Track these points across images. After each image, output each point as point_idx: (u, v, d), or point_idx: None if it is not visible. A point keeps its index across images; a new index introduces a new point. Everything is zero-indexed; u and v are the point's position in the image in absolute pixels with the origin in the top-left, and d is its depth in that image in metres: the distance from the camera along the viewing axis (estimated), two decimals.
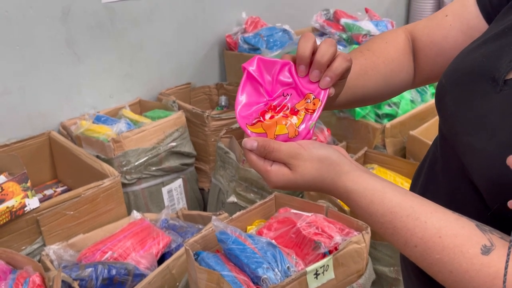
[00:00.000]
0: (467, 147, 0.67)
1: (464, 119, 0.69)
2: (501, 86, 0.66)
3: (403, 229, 0.62)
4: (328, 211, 1.50)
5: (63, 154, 2.07)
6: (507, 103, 0.64)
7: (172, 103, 2.32)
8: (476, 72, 0.71)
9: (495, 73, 0.67)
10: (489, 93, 0.67)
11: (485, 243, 0.58)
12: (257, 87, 0.73)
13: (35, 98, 2.08)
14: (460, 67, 0.75)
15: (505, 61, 0.67)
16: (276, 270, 1.28)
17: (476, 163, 0.65)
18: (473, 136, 0.66)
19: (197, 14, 2.54)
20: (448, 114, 0.74)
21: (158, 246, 1.66)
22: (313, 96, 0.70)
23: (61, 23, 2.07)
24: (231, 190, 1.96)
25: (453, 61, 0.78)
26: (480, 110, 0.67)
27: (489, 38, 0.74)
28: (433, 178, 0.76)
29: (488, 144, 0.63)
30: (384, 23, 2.58)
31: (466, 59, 0.76)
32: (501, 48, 0.70)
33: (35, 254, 1.66)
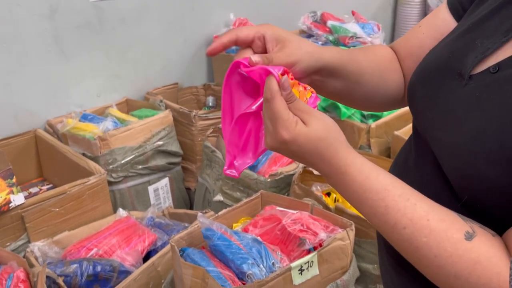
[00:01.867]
0: (437, 141, 0.69)
1: (433, 115, 0.72)
2: (466, 81, 0.68)
3: (394, 209, 0.63)
4: (313, 209, 1.51)
5: (49, 152, 2.06)
6: (472, 97, 0.66)
7: (159, 103, 2.32)
8: (443, 69, 0.73)
9: (462, 69, 0.70)
10: (456, 87, 0.69)
11: (467, 230, 0.60)
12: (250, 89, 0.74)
13: (22, 96, 2.08)
14: (428, 65, 0.78)
15: (471, 57, 0.69)
16: (261, 266, 1.29)
17: (445, 155, 0.67)
18: (442, 130, 0.68)
19: (185, 15, 2.55)
20: (418, 111, 0.76)
21: (144, 244, 1.66)
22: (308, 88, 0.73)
23: (49, 21, 2.07)
24: (217, 189, 1.96)
25: (422, 60, 0.81)
26: (447, 105, 0.69)
27: (456, 36, 0.76)
28: (407, 171, 0.78)
29: (456, 136, 0.65)
30: (371, 26, 2.61)
31: (434, 57, 0.78)
32: (467, 44, 0.72)
33: (19, 250, 1.65)
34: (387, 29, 3.83)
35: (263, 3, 2.87)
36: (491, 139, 0.60)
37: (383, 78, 0.89)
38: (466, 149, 0.63)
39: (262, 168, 1.89)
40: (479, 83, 0.67)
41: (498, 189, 0.59)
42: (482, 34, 0.72)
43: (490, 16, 0.72)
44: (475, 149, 0.62)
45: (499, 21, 0.71)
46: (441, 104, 0.71)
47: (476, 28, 0.73)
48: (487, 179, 0.60)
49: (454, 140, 0.65)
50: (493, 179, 0.59)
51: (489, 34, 0.70)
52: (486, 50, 0.69)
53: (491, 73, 0.66)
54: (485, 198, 0.62)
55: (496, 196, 0.60)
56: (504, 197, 0.59)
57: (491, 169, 0.59)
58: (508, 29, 0.68)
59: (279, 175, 1.79)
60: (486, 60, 0.68)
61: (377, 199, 0.64)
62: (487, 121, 0.62)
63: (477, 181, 0.61)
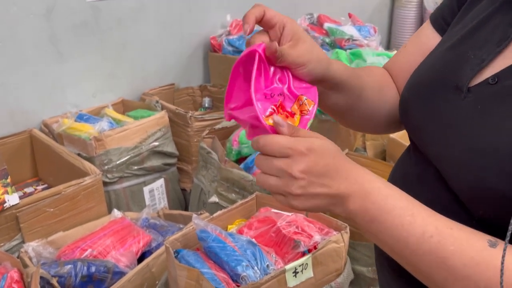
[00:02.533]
0: (441, 157, 0.68)
1: (432, 130, 0.71)
2: (465, 94, 0.67)
3: (420, 216, 0.62)
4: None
5: (44, 152, 2.06)
6: (474, 110, 0.65)
7: (155, 103, 2.32)
8: (438, 83, 0.73)
9: (458, 82, 0.69)
10: (454, 101, 0.68)
11: (489, 239, 0.59)
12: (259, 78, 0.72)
13: (17, 95, 2.07)
14: (420, 79, 0.77)
15: (466, 69, 0.69)
16: (256, 268, 1.29)
17: (452, 172, 0.66)
18: (445, 146, 0.67)
19: (182, 16, 2.55)
20: (415, 126, 0.76)
21: (138, 245, 1.66)
22: (305, 98, 0.71)
23: (45, 21, 2.07)
24: (212, 190, 1.96)
25: (412, 75, 0.80)
26: (448, 120, 0.68)
27: (445, 49, 0.76)
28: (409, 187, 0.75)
29: (463, 152, 0.64)
30: (367, 28, 2.61)
31: (425, 71, 0.78)
32: (459, 56, 0.72)
33: (13, 251, 1.65)
34: (384, 31, 3.84)
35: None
36: (504, 153, 0.59)
37: (383, 93, 0.89)
38: (477, 165, 0.62)
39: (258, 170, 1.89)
40: (479, 95, 0.66)
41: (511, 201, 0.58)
42: (473, 45, 0.71)
43: (479, 27, 0.72)
44: (487, 164, 0.60)
45: (489, 31, 0.71)
46: (440, 119, 0.70)
47: (466, 40, 0.73)
48: (501, 193, 0.59)
49: (463, 156, 0.64)
50: (507, 192, 0.58)
51: (481, 45, 0.70)
52: (481, 61, 0.68)
53: (490, 84, 0.66)
54: (500, 213, 0.60)
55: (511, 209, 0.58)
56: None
57: (504, 183, 0.58)
58: (501, 38, 0.68)
59: None
60: (483, 71, 0.68)
61: (402, 207, 0.63)
62: (497, 135, 0.61)
63: (491, 196, 0.60)
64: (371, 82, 0.87)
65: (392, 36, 3.88)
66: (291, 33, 0.72)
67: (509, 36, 0.68)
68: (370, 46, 2.45)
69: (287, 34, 0.72)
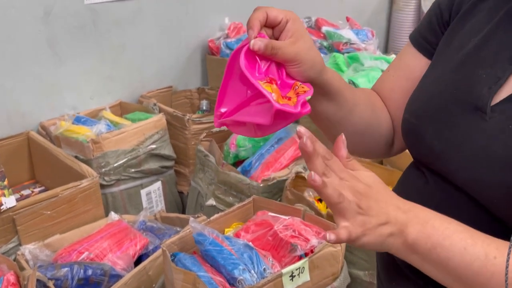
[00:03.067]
0: (473, 182, 0.67)
1: (463, 155, 0.69)
2: (489, 114, 0.67)
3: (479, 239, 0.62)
4: (305, 214, 1.52)
5: (41, 155, 2.05)
6: (504, 129, 0.65)
7: (153, 106, 2.32)
8: (453, 106, 0.71)
9: (477, 102, 0.68)
10: (478, 122, 0.67)
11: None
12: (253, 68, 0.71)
13: (15, 98, 2.07)
14: (430, 103, 0.75)
15: (482, 89, 0.68)
16: (252, 272, 1.29)
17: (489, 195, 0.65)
18: (479, 170, 0.66)
19: (180, 18, 2.55)
20: (436, 154, 0.73)
21: (135, 248, 1.66)
22: (300, 84, 0.70)
23: (43, 23, 2.07)
24: (210, 193, 1.96)
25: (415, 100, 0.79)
26: (477, 142, 0.67)
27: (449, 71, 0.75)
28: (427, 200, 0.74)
29: (504, 173, 0.63)
30: (365, 32, 2.62)
31: (433, 95, 0.76)
32: (468, 77, 0.71)
33: (10, 253, 1.65)
34: (381, 35, 3.84)
35: None
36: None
37: (376, 113, 0.87)
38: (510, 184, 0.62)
39: (255, 173, 1.90)
40: (505, 114, 0.66)
41: None
42: (481, 64, 0.71)
43: (482, 45, 0.72)
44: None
45: (495, 48, 0.70)
46: (468, 143, 0.68)
47: (470, 60, 0.72)
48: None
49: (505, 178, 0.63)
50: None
51: (491, 63, 0.69)
52: (497, 80, 0.68)
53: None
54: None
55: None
56: None
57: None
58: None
59: (272, 180, 1.80)
60: (501, 89, 0.67)
61: (462, 231, 0.63)
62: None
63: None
64: (365, 99, 0.86)
65: (389, 40, 3.88)
66: (292, 30, 0.71)
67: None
68: (368, 50, 2.46)
69: (288, 30, 0.71)
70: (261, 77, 0.70)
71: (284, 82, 0.71)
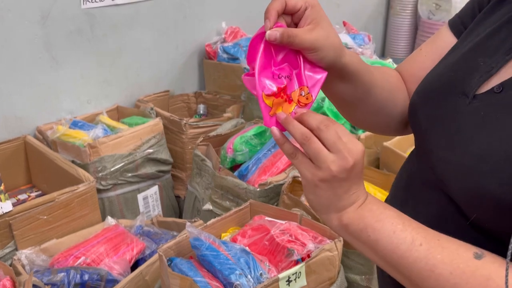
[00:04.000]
0: (443, 162, 0.69)
1: (438, 135, 0.72)
2: (470, 99, 0.69)
3: (411, 226, 0.65)
4: (301, 219, 1.52)
5: (38, 159, 2.05)
6: (477, 116, 0.67)
7: (150, 110, 2.32)
8: (446, 88, 0.73)
9: (466, 88, 0.70)
10: (460, 106, 0.70)
11: (475, 251, 0.62)
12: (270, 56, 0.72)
13: (11, 102, 2.07)
14: (430, 85, 0.78)
15: (476, 77, 0.70)
16: (249, 277, 1.29)
17: (453, 177, 0.67)
18: (449, 150, 0.69)
19: (177, 23, 2.56)
20: (422, 130, 0.76)
21: (132, 252, 1.66)
22: (307, 91, 0.71)
23: (40, 27, 2.07)
24: (207, 198, 1.96)
25: (424, 79, 0.81)
26: (453, 125, 0.69)
27: (457, 55, 0.77)
28: (412, 192, 0.79)
29: (464, 157, 0.65)
30: (362, 37, 2.63)
31: (435, 76, 0.78)
32: (469, 63, 0.73)
33: (6, 258, 1.64)
34: (378, 40, 3.86)
35: (255, 12, 2.88)
36: (501, 160, 0.61)
37: (392, 95, 0.88)
38: (476, 170, 0.63)
39: (252, 178, 1.90)
40: (483, 102, 0.67)
41: (509, 207, 0.60)
42: (484, 53, 0.72)
43: (491, 36, 0.73)
44: (485, 170, 0.62)
45: (500, 40, 0.71)
46: (446, 124, 0.71)
47: (478, 48, 0.74)
48: (498, 199, 0.61)
49: (463, 160, 0.66)
50: (504, 199, 0.60)
51: (491, 53, 0.71)
52: (490, 69, 0.69)
53: (495, 93, 0.67)
54: (496, 218, 0.63)
55: (508, 215, 0.60)
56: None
57: (502, 189, 0.60)
58: (511, 47, 0.69)
59: (269, 184, 1.80)
60: (490, 79, 0.69)
61: (395, 216, 0.66)
62: (496, 142, 0.63)
63: (488, 202, 0.62)
64: (383, 81, 0.86)
65: (386, 44, 3.90)
66: (312, 17, 0.70)
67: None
68: (365, 54, 2.46)
69: (307, 17, 0.70)
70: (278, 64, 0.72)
71: (299, 77, 0.72)
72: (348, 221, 0.67)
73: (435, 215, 0.68)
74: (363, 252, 0.69)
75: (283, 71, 0.72)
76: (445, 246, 0.62)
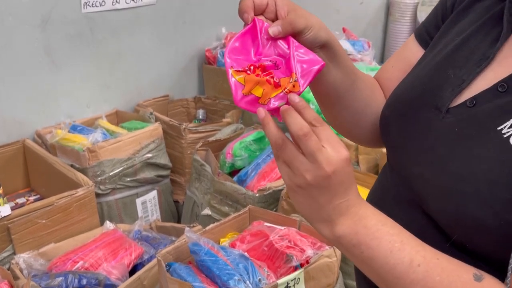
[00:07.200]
0: (419, 179, 0.68)
1: (411, 150, 0.70)
2: (443, 114, 0.67)
3: (409, 244, 0.62)
4: (300, 225, 1.52)
5: (37, 163, 2.05)
6: (451, 132, 0.65)
7: (149, 115, 2.33)
8: (418, 102, 0.72)
9: (438, 102, 0.69)
10: (433, 121, 0.68)
11: (475, 272, 0.59)
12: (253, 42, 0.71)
13: (11, 105, 2.07)
14: (401, 98, 0.76)
15: (447, 90, 0.69)
16: (248, 282, 1.29)
17: (431, 195, 0.66)
18: (424, 167, 0.67)
19: (177, 27, 2.56)
20: (395, 146, 0.75)
21: (130, 257, 1.65)
22: (295, 78, 0.67)
23: (40, 31, 2.07)
24: (205, 203, 1.96)
25: (393, 92, 0.80)
26: (427, 141, 0.68)
27: (426, 67, 0.76)
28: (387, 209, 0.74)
29: (441, 176, 0.64)
30: (361, 43, 2.63)
31: (406, 89, 0.77)
32: (439, 75, 0.72)
33: (4, 262, 1.64)
34: (378, 46, 3.86)
35: None
36: (480, 181, 0.59)
37: (375, 96, 0.87)
38: (455, 190, 0.62)
39: (251, 183, 1.90)
40: (457, 117, 0.66)
41: (490, 230, 0.58)
42: (453, 64, 0.71)
43: (460, 46, 0.72)
44: (465, 191, 0.61)
45: (470, 51, 0.70)
46: (420, 140, 0.69)
47: (447, 59, 0.73)
48: (479, 221, 0.59)
49: (440, 179, 0.64)
50: (485, 220, 0.58)
51: (461, 65, 0.70)
52: (461, 82, 0.68)
53: (468, 107, 0.66)
54: (477, 238, 0.61)
55: (489, 237, 0.59)
56: (496, 238, 0.59)
57: (483, 212, 0.59)
58: (481, 58, 0.68)
59: (268, 190, 1.80)
60: (463, 92, 0.68)
61: (393, 234, 0.62)
62: (474, 161, 0.61)
63: (469, 223, 0.60)
64: (364, 77, 0.86)
65: (386, 51, 3.90)
66: (286, 3, 0.71)
67: (488, 56, 0.67)
68: (364, 61, 2.47)
69: (282, 6, 0.71)
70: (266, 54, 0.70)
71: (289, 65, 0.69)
72: (340, 233, 0.63)
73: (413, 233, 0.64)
74: (356, 264, 0.66)
75: (266, 56, 0.70)
76: (444, 266, 0.60)
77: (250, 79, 0.67)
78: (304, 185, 0.61)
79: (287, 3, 0.71)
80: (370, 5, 3.65)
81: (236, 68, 0.68)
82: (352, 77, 0.81)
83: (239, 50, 0.71)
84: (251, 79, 0.67)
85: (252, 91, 0.67)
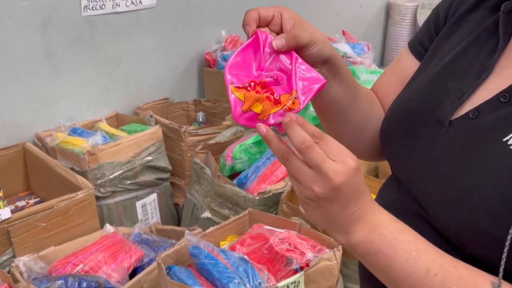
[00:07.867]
0: (425, 193, 0.68)
1: (416, 164, 0.70)
2: (446, 127, 0.67)
3: (426, 253, 0.61)
4: (300, 228, 1.52)
5: (37, 166, 2.05)
6: (456, 146, 0.65)
7: (149, 118, 2.33)
8: (419, 115, 0.72)
9: (440, 115, 0.69)
10: (436, 135, 0.68)
11: (492, 280, 0.59)
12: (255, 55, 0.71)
13: (11, 108, 2.07)
14: (400, 111, 0.76)
15: (448, 103, 0.69)
16: (248, 286, 1.29)
17: (438, 209, 0.66)
18: (430, 181, 0.67)
19: (177, 30, 2.56)
20: (397, 159, 0.75)
21: (130, 260, 1.65)
22: (295, 95, 0.67)
23: (40, 34, 2.07)
24: (205, 206, 1.96)
25: (392, 106, 0.80)
26: (431, 154, 0.68)
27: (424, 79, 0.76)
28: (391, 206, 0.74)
29: (448, 190, 0.64)
30: (361, 46, 2.64)
31: (405, 102, 0.77)
32: (439, 88, 0.71)
33: (4, 265, 1.64)
34: (377, 49, 3.87)
35: None
36: (489, 193, 0.59)
37: (374, 108, 0.87)
38: (463, 204, 0.62)
39: (251, 186, 1.90)
40: (460, 129, 0.66)
41: (502, 242, 0.58)
42: (452, 77, 0.71)
43: (457, 58, 0.72)
44: (474, 204, 0.60)
45: (467, 63, 0.70)
46: (422, 153, 0.69)
47: (444, 71, 0.73)
48: (490, 233, 0.59)
49: (448, 193, 0.64)
50: (496, 232, 0.58)
51: (460, 77, 0.70)
52: (461, 94, 0.68)
53: (470, 118, 0.66)
54: (488, 251, 0.61)
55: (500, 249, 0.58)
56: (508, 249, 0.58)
57: (493, 224, 0.59)
58: (480, 70, 0.68)
59: (268, 193, 1.80)
60: (463, 104, 0.68)
61: (409, 242, 0.62)
62: (481, 174, 0.61)
63: (480, 235, 0.60)
64: (364, 91, 0.86)
65: (385, 53, 3.91)
66: (292, 17, 0.71)
67: (487, 68, 0.67)
68: (364, 64, 2.47)
69: (288, 19, 0.71)
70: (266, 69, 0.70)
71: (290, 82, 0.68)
72: (356, 242, 0.63)
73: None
74: (372, 271, 0.66)
75: (268, 71, 0.70)
76: (462, 275, 0.59)
77: (250, 96, 0.67)
78: (313, 197, 0.61)
79: (293, 16, 0.71)
80: (370, 7, 3.66)
81: (236, 85, 0.68)
82: (353, 93, 0.81)
83: (240, 64, 0.70)
84: (250, 96, 0.67)
85: (252, 108, 0.67)
